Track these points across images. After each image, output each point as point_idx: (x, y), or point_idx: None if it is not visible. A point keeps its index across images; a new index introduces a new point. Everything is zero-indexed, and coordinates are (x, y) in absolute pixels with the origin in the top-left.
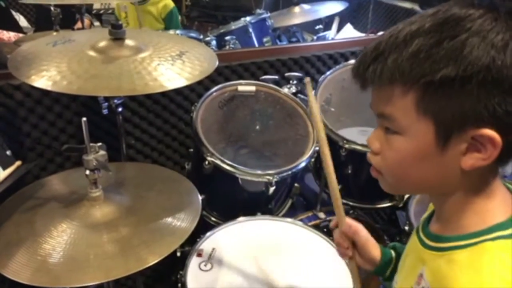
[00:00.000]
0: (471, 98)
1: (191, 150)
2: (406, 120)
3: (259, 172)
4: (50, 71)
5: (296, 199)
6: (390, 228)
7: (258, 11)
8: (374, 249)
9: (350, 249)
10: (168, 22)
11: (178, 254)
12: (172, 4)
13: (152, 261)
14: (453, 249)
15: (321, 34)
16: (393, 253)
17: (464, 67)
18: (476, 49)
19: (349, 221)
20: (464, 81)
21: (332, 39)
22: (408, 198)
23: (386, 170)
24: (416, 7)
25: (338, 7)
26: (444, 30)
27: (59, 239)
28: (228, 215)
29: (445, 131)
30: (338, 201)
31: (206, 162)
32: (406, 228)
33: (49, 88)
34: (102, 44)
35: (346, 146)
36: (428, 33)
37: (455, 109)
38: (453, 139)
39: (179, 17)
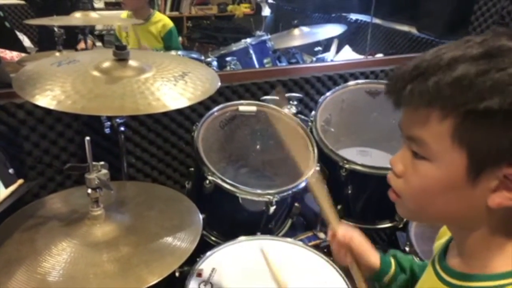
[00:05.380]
0: (511, 134)
1: (192, 169)
2: (438, 147)
3: (259, 191)
4: (54, 90)
5: (296, 219)
6: (390, 249)
7: (258, 33)
8: (372, 255)
9: (348, 257)
10: (167, 41)
11: (177, 274)
12: (171, 24)
13: (152, 281)
14: None
15: (320, 55)
16: (392, 261)
17: (510, 100)
18: None
19: (344, 228)
20: (508, 115)
21: (331, 60)
22: None
23: (407, 195)
24: (414, 31)
25: (337, 30)
26: (493, 60)
27: (59, 258)
28: (228, 234)
29: (478, 165)
30: (330, 208)
31: (207, 181)
32: (407, 249)
33: (53, 107)
34: (106, 64)
35: (346, 166)
36: (475, 61)
37: (493, 143)
38: (485, 174)
39: (179, 38)
